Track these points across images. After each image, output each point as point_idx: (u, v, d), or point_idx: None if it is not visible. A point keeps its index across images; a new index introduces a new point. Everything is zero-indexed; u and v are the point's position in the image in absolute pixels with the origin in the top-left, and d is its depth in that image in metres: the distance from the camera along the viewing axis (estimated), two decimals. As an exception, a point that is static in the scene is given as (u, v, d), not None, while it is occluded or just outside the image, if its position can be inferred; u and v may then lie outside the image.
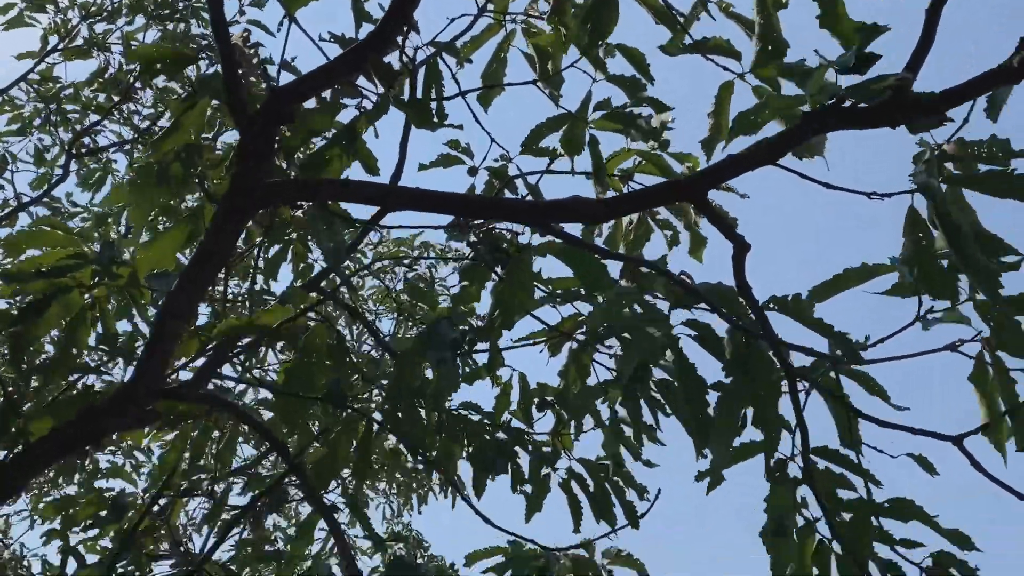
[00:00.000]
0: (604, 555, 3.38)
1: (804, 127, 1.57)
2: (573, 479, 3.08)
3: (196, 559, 3.11)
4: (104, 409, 1.98)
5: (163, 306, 1.79)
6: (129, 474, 3.31)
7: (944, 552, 1.96)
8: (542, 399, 3.02)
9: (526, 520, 3.04)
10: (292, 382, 2.15)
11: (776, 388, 2.06)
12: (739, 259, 1.71)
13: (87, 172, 5.44)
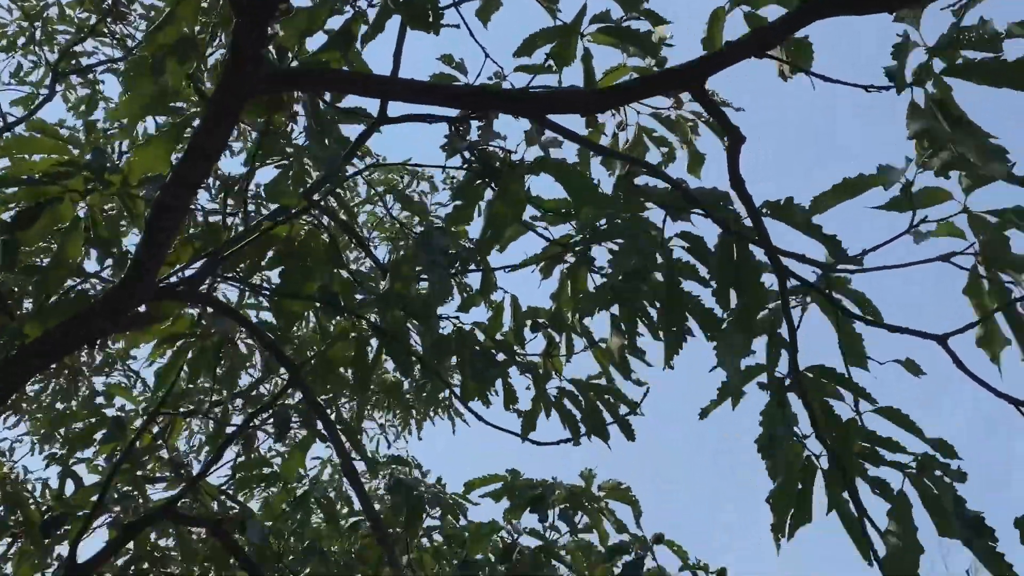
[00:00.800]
0: (601, 487, 3.45)
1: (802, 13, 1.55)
2: (566, 397, 3.13)
3: (193, 478, 3.17)
4: (98, 310, 1.99)
5: (155, 201, 1.79)
6: (127, 391, 3.33)
7: (928, 455, 2.00)
8: (534, 321, 3.04)
9: (522, 437, 3.08)
10: (288, 284, 2.16)
11: (763, 296, 2.08)
12: (734, 152, 1.71)
13: (76, 99, 5.37)
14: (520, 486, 3.02)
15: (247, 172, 2.56)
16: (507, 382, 3.15)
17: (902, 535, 1.98)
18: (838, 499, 2.15)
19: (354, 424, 3.02)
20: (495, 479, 3.14)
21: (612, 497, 3.13)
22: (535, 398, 3.09)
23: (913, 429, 2.06)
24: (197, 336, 2.85)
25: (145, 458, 3.28)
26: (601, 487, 3.13)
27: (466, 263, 2.80)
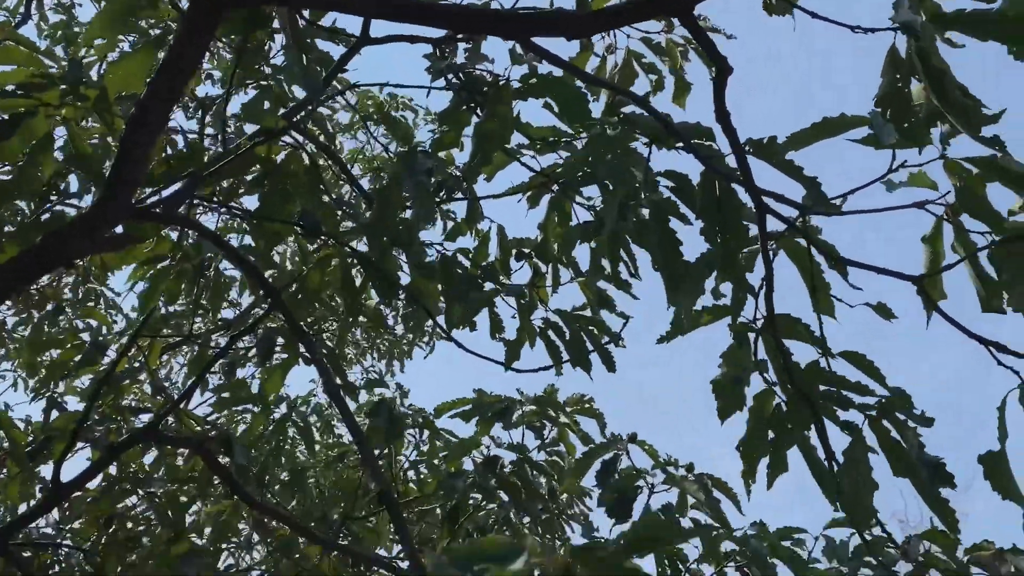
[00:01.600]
0: (567, 402, 3.51)
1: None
2: (550, 328, 3.15)
3: (175, 400, 3.18)
4: (74, 230, 1.96)
5: (130, 117, 1.74)
6: (105, 316, 3.31)
7: (890, 399, 2.04)
8: (520, 251, 3.04)
9: (506, 366, 3.11)
10: (267, 207, 2.13)
11: (744, 235, 2.08)
12: (720, 83, 1.68)
13: (51, 27, 5.20)
14: (487, 402, 3.07)
15: (225, 93, 2.50)
16: (493, 311, 3.16)
17: (857, 473, 2.04)
18: (804, 441, 2.19)
19: (336, 349, 3.03)
20: (464, 402, 3.18)
21: (578, 411, 3.19)
22: (520, 328, 3.11)
23: (876, 375, 2.09)
24: (178, 259, 2.82)
25: (126, 382, 3.28)
26: (567, 401, 3.19)
27: (452, 191, 2.77)
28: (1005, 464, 1.71)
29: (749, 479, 2.12)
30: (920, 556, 1.93)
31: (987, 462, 1.71)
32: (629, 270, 2.71)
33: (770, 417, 2.11)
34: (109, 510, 3.47)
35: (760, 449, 2.10)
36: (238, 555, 5.01)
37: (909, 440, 1.95)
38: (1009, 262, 1.77)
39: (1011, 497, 1.70)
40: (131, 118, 1.74)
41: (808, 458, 2.10)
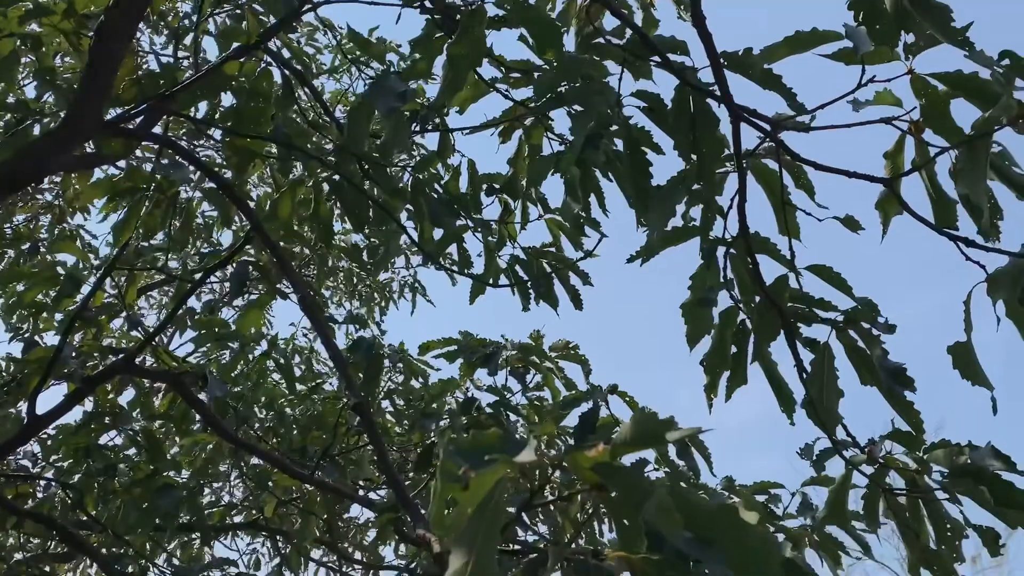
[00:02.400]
0: (552, 347, 3.57)
1: None
2: (518, 264, 3.20)
3: (151, 332, 3.20)
4: (45, 145, 1.97)
5: (99, 27, 1.74)
6: (81, 250, 3.32)
7: (856, 309, 2.11)
8: (490, 186, 3.07)
9: (470, 301, 3.17)
10: (240, 122, 2.14)
11: (720, 149, 2.13)
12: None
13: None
14: (473, 345, 3.12)
15: (197, 18, 2.48)
16: (462, 246, 3.20)
17: (824, 381, 2.12)
18: (765, 356, 2.27)
19: (316, 283, 3.06)
20: (450, 342, 3.23)
21: (562, 357, 3.25)
22: (487, 262, 3.15)
23: (843, 287, 2.16)
24: (152, 189, 2.83)
25: (102, 317, 3.30)
26: (551, 347, 3.24)
27: (424, 122, 2.79)
28: (972, 353, 1.78)
29: (711, 393, 2.19)
30: (883, 456, 2.02)
31: (955, 352, 1.78)
32: (599, 204, 2.76)
33: (734, 332, 2.18)
34: (87, 442, 3.51)
35: (722, 364, 2.18)
36: (219, 492, 5.10)
37: (874, 348, 2.03)
38: (965, 173, 1.83)
39: (979, 382, 1.78)
40: (96, 31, 1.74)
41: (768, 372, 2.18)
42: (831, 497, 2.13)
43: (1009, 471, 1.91)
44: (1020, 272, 1.82)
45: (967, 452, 1.98)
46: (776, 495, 2.55)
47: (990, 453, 1.94)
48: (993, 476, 1.90)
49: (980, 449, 1.96)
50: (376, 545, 4.80)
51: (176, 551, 4.52)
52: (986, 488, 1.90)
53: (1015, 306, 1.82)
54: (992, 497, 1.88)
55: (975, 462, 1.94)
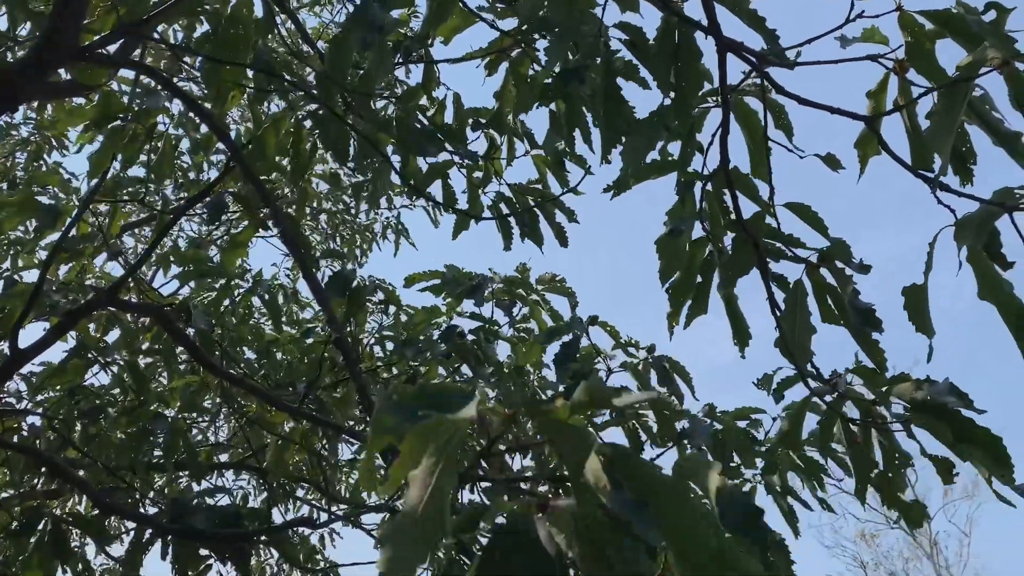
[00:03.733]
0: (539, 280, 3.58)
1: None
2: (503, 201, 3.19)
3: (133, 264, 3.19)
4: (18, 71, 1.92)
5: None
6: (61, 179, 3.27)
7: (830, 248, 2.12)
8: (476, 120, 3.04)
9: (453, 237, 3.16)
10: (219, 49, 2.10)
11: (700, 82, 2.11)
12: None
13: None
14: (459, 277, 3.12)
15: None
16: (446, 182, 3.19)
17: (797, 317, 2.15)
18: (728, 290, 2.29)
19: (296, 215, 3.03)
20: (434, 275, 3.23)
21: (549, 289, 3.27)
22: (471, 198, 3.14)
23: (819, 226, 2.18)
24: (130, 119, 2.78)
25: (82, 247, 3.27)
26: (538, 280, 3.26)
27: (408, 53, 2.75)
28: (924, 299, 1.80)
29: (673, 320, 2.22)
30: (844, 388, 2.06)
31: (909, 294, 1.79)
32: (585, 140, 2.75)
33: (701, 263, 2.20)
34: (72, 379, 3.52)
35: (686, 292, 2.20)
36: (207, 431, 5.14)
37: (845, 287, 2.05)
38: (936, 116, 1.83)
39: (921, 328, 1.80)
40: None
41: (727, 304, 2.21)
42: (786, 422, 2.19)
43: (966, 408, 1.95)
44: (988, 219, 1.82)
45: (926, 388, 2.03)
46: (757, 420, 2.61)
47: (948, 389, 1.98)
48: (953, 412, 1.95)
49: (938, 385, 2.00)
50: (359, 488, 4.86)
51: (164, 490, 4.57)
52: (947, 424, 1.94)
53: (976, 252, 1.82)
54: (952, 433, 1.93)
55: (934, 397, 1.98)
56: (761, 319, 2.30)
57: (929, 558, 18.62)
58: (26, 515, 3.38)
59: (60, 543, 3.35)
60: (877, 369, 2.06)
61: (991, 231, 1.75)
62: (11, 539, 3.31)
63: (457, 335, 3.08)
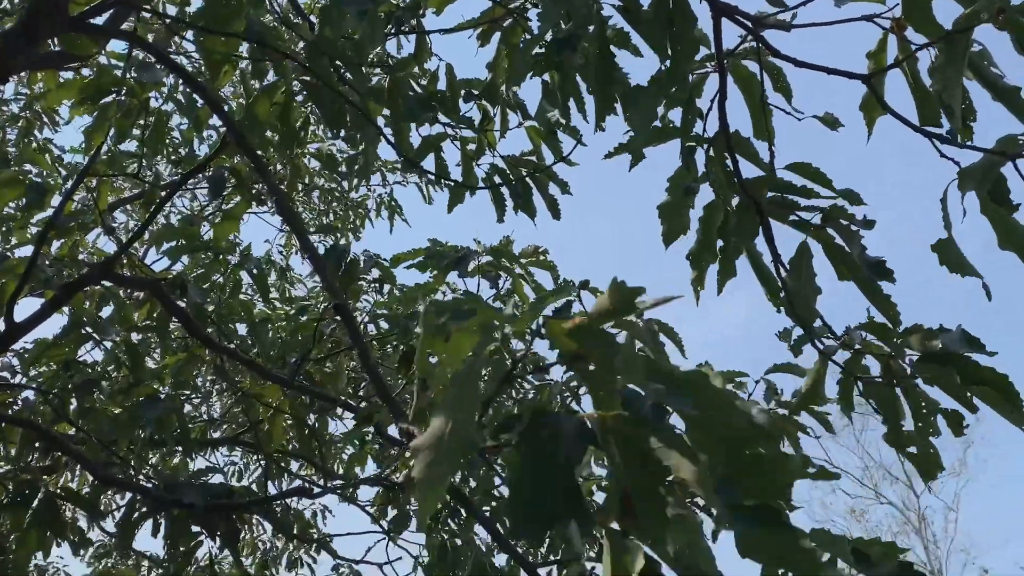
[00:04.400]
0: (522, 253, 3.60)
1: None
2: (496, 174, 3.19)
3: (127, 240, 3.19)
4: (8, 43, 1.91)
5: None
6: (48, 161, 3.25)
7: (836, 206, 2.14)
8: (469, 91, 3.04)
9: (448, 210, 3.17)
10: (212, 18, 2.09)
11: (695, 48, 2.12)
12: None
13: None
14: (444, 251, 3.14)
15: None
16: (439, 156, 3.19)
17: (802, 276, 2.17)
18: (750, 248, 2.31)
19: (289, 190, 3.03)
20: (420, 252, 3.24)
21: (532, 263, 3.28)
22: (465, 170, 3.15)
23: (823, 181, 2.19)
24: (124, 93, 2.77)
25: (73, 224, 3.27)
26: (521, 253, 3.27)
27: (400, 23, 2.74)
28: (955, 247, 1.82)
29: (698, 286, 2.24)
30: (858, 344, 2.08)
31: (940, 248, 1.81)
32: (579, 109, 2.75)
33: (719, 227, 2.21)
34: (67, 354, 3.53)
35: (709, 257, 2.22)
36: (200, 407, 5.16)
37: (852, 244, 2.07)
38: (941, 69, 1.85)
39: (968, 273, 1.82)
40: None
41: (754, 264, 2.22)
42: (808, 384, 2.21)
43: (978, 352, 1.97)
44: (991, 167, 1.85)
45: (939, 336, 2.04)
46: (742, 383, 2.64)
47: (960, 336, 1.99)
48: (960, 357, 1.96)
49: (951, 332, 2.01)
50: (352, 464, 4.90)
51: (158, 466, 4.59)
52: (952, 368, 1.95)
53: (988, 203, 1.85)
54: (959, 377, 1.94)
55: (946, 345, 1.99)
56: (742, 303, 2.32)
57: (917, 533, 18.89)
58: (20, 489, 3.39)
59: (54, 516, 3.37)
60: (890, 324, 2.07)
61: (996, 178, 1.78)
62: (4, 512, 3.33)
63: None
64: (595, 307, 1.05)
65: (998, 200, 1.83)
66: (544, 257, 3.54)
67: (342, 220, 5.57)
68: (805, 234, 2.18)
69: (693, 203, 2.35)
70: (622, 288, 1.01)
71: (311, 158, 3.75)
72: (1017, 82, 1.93)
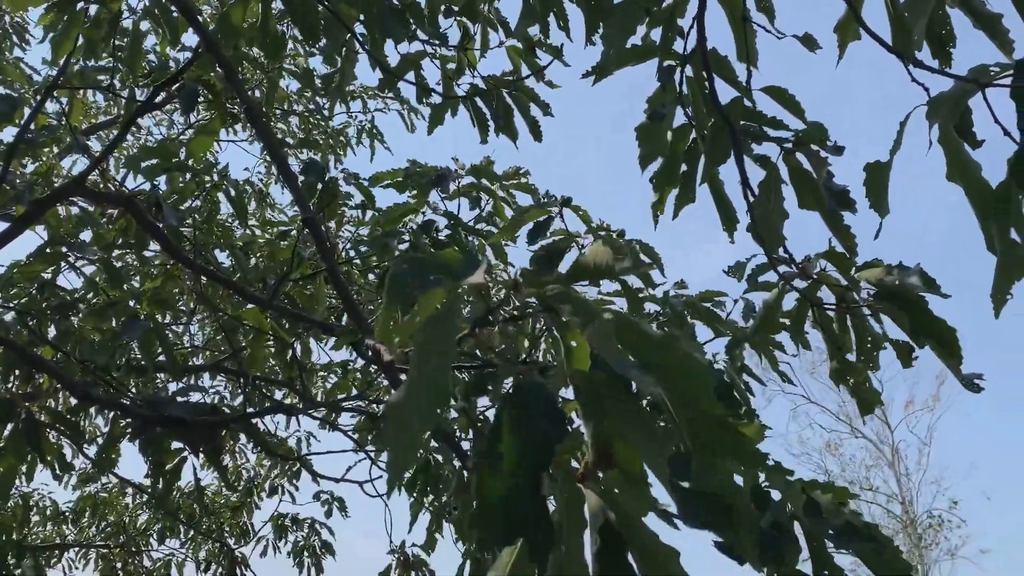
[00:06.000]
0: (503, 175, 3.58)
1: None
2: (477, 95, 3.15)
3: (100, 153, 3.13)
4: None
5: None
6: (19, 72, 3.17)
7: (806, 131, 2.13)
8: (448, 7, 2.97)
9: (428, 132, 3.14)
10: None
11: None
12: None
13: None
14: (424, 171, 3.11)
15: None
16: (419, 75, 3.14)
17: (770, 202, 2.17)
18: (713, 175, 2.30)
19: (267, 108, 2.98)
20: (399, 173, 3.21)
21: (513, 186, 3.27)
22: (445, 90, 3.10)
23: (796, 110, 2.18)
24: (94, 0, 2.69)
25: (44, 139, 3.20)
26: (503, 175, 3.25)
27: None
28: (886, 177, 1.81)
29: (658, 210, 2.24)
30: (815, 275, 2.10)
31: (871, 170, 1.80)
32: (562, 26, 2.70)
33: (686, 150, 2.20)
34: (42, 270, 3.49)
35: (671, 181, 2.21)
36: (183, 335, 5.16)
37: (819, 170, 2.07)
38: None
39: (877, 207, 1.82)
40: None
41: (715, 191, 2.23)
42: (764, 309, 2.23)
43: (933, 293, 2.00)
44: (962, 96, 1.83)
45: (896, 273, 2.07)
46: (720, 302, 2.67)
47: (918, 275, 2.02)
48: (915, 299, 1.98)
49: (908, 270, 2.04)
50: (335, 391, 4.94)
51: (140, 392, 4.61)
52: (905, 313, 1.99)
53: (948, 132, 1.84)
54: (909, 321, 1.98)
55: (903, 282, 2.02)
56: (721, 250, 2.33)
57: (890, 466, 19.46)
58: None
59: (36, 437, 3.39)
60: (848, 254, 2.09)
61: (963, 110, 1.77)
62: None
63: (435, 229, 3.08)
64: (574, 266, 1.05)
65: (961, 131, 1.82)
66: (526, 179, 3.52)
67: (322, 148, 5.49)
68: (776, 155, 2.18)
69: (671, 125, 2.33)
70: (606, 247, 1.01)
71: (288, 76, 3.68)
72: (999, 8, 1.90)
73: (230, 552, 6.10)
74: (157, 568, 6.69)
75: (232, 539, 6.27)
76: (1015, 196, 1.44)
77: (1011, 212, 1.44)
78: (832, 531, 1.10)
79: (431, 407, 0.85)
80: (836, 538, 1.09)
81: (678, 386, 0.88)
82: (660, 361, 0.88)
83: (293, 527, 5.77)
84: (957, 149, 1.80)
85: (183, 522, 6.21)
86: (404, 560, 4.63)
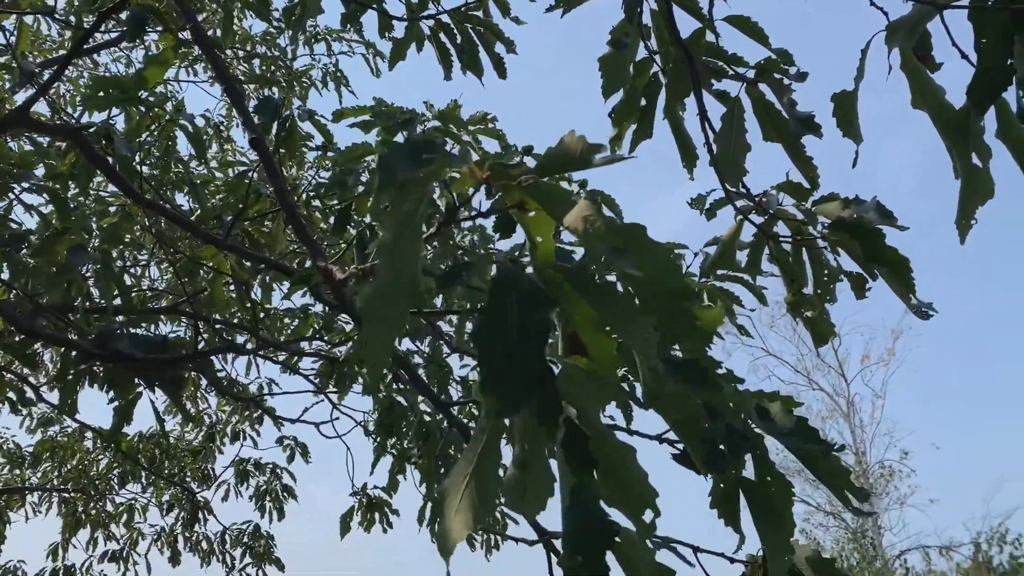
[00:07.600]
0: (470, 120, 3.51)
1: None
2: (442, 30, 3.07)
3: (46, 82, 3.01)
4: None
5: None
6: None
7: (770, 59, 2.09)
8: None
9: (389, 67, 3.06)
10: None
11: None
12: None
13: None
14: (390, 111, 3.04)
15: None
16: (382, 7, 3.05)
17: (732, 135, 2.15)
18: (674, 111, 2.27)
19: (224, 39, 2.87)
20: (364, 110, 3.13)
21: (480, 132, 3.21)
22: (409, 25, 3.02)
23: (761, 38, 2.14)
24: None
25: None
26: (469, 120, 3.19)
27: None
28: (853, 104, 1.79)
29: (616, 144, 2.21)
30: (772, 210, 2.09)
31: (838, 99, 1.77)
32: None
33: (645, 84, 2.17)
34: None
35: (630, 115, 2.18)
36: (141, 279, 5.06)
37: (783, 97, 2.04)
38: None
39: (850, 135, 1.81)
40: None
41: (675, 128, 2.20)
42: (723, 244, 2.23)
43: (890, 226, 2.00)
44: (921, 19, 1.81)
45: (853, 207, 2.06)
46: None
47: (875, 207, 2.02)
48: (867, 231, 1.98)
49: (866, 203, 2.04)
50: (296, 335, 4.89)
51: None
52: (858, 242, 1.98)
53: (909, 59, 1.82)
54: (862, 250, 1.97)
55: (859, 215, 2.01)
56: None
57: (845, 418, 19.97)
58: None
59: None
60: (809, 185, 2.08)
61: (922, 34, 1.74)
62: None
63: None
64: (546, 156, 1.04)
65: (920, 56, 1.80)
66: (493, 125, 3.46)
67: (285, 89, 5.35)
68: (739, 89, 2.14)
69: (634, 58, 2.28)
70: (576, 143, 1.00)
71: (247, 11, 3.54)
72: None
73: (192, 496, 6.10)
74: (119, 512, 6.68)
75: (194, 483, 6.26)
76: (975, 121, 1.43)
77: (971, 137, 1.43)
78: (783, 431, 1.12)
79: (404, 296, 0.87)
80: (787, 437, 1.10)
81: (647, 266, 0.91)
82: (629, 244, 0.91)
83: (255, 472, 5.77)
84: (919, 74, 1.78)
85: (144, 467, 6.18)
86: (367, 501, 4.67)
